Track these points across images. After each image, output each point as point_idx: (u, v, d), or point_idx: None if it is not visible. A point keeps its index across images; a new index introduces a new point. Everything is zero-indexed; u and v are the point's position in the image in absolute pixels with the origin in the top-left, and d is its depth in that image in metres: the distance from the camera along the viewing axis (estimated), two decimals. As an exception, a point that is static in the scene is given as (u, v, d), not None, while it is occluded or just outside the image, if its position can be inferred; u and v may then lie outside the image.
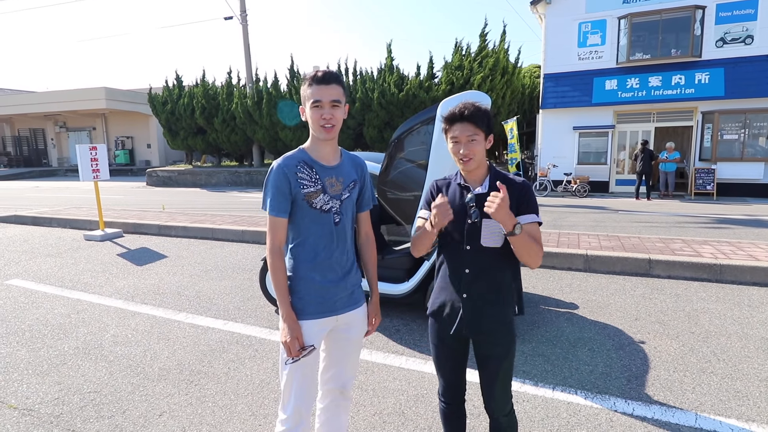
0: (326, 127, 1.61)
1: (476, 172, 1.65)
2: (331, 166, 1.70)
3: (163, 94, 18.99)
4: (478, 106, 1.58)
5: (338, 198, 1.69)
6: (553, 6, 13.93)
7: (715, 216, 8.91)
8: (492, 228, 1.60)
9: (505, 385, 1.71)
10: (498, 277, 1.65)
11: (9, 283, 5.11)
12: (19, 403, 2.69)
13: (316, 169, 1.66)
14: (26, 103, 25.72)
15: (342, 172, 1.72)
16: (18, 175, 24.27)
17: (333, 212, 1.68)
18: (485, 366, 1.70)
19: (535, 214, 1.61)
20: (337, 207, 1.69)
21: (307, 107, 1.62)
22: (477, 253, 1.63)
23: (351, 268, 1.77)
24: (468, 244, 1.64)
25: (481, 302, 1.64)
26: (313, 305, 1.68)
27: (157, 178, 18.72)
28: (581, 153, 14.08)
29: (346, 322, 1.78)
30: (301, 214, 1.65)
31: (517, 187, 1.63)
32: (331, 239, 1.68)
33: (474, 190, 1.64)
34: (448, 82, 14.57)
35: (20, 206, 11.26)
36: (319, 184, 1.65)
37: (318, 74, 1.59)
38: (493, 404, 1.73)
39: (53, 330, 3.77)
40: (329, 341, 1.82)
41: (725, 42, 12.38)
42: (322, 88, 1.58)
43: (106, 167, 7.35)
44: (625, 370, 2.95)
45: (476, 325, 1.65)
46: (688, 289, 4.52)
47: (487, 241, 1.61)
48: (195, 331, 3.70)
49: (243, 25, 17.54)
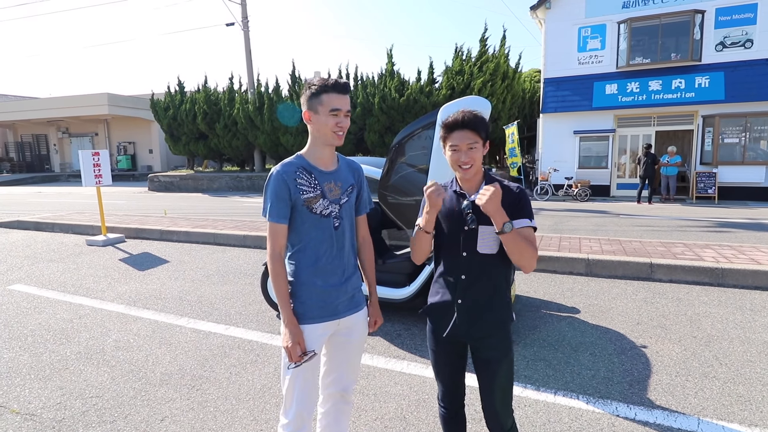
0: (339, 134, 1.64)
1: (473, 179, 1.67)
2: (330, 171, 1.72)
3: (166, 100, 19.10)
4: (475, 114, 1.60)
5: (337, 202, 1.71)
6: (553, 11, 14.01)
7: (717, 220, 8.90)
8: (488, 234, 1.61)
9: (505, 395, 1.69)
10: (494, 283, 1.65)
11: (11, 288, 5.13)
12: (21, 407, 2.70)
13: (314, 174, 1.68)
14: (29, 109, 25.88)
15: (340, 177, 1.74)
16: (21, 180, 24.36)
17: (333, 217, 1.70)
18: (483, 371, 1.70)
19: (529, 218, 1.62)
20: (337, 211, 1.71)
21: (321, 113, 1.61)
22: (473, 259, 1.64)
23: (352, 272, 1.79)
24: (464, 251, 1.65)
25: (476, 307, 1.65)
26: (314, 309, 1.69)
27: (159, 183, 18.78)
28: (582, 157, 14.10)
29: (347, 326, 1.78)
30: (301, 220, 1.67)
31: (512, 193, 1.64)
32: (331, 243, 1.70)
33: (470, 197, 1.65)
34: (448, 87, 14.62)
35: (23, 211, 11.30)
36: (318, 189, 1.67)
37: (339, 82, 1.61)
38: (493, 419, 1.71)
39: (55, 335, 3.77)
40: (330, 345, 1.82)
41: (725, 46, 12.42)
42: (341, 97, 1.61)
43: (109, 173, 7.38)
44: (627, 374, 2.95)
45: (471, 330, 1.66)
46: (689, 293, 4.51)
47: (483, 248, 1.63)
48: (197, 336, 3.70)
49: (244, 31, 17.66)
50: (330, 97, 1.59)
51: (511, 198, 1.62)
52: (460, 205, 1.66)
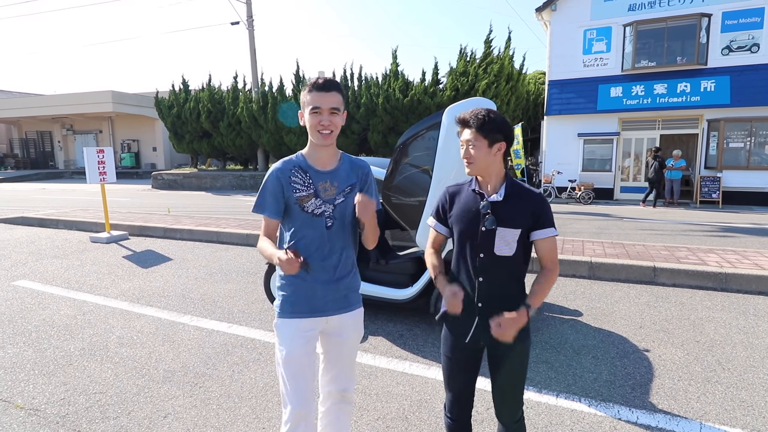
0: (323, 133, 1.64)
1: (490, 179, 1.65)
2: (327, 170, 1.73)
3: (170, 98, 19.15)
4: (485, 114, 1.59)
5: (331, 202, 1.72)
6: (559, 13, 13.98)
7: (721, 224, 8.87)
8: (506, 236, 1.60)
9: (518, 388, 1.70)
10: (513, 284, 1.65)
11: (16, 284, 5.16)
12: (25, 403, 2.71)
13: (310, 173, 1.71)
14: (34, 106, 25.99)
15: (337, 177, 1.74)
16: (25, 177, 24.47)
17: (326, 216, 1.71)
18: (499, 367, 1.69)
19: (553, 227, 1.63)
20: (330, 211, 1.72)
21: (306, 113, 1.65)
22: (490, 260, 1.63)
23: (347, 273, 1.78)
24: (481, 252, 1.64)
25: (497, 310, 1.62)
26: (301, 305, 1.72)
27: (162, 181, 18.83)
28: (586, 160, 14.07)
29: (337, 326, 1.79)
30: (294, 217, 1.71)
31: (535, 198, 1.63)
32: (323, 242, 1.71)
33: (489, 197, 1.63)
34: (452, 88, 14.61)
35: (27, 208, 11.36)
36: (311, 188, 1.70)
37: (318, 81, 1.63)
38: (505, 410, 1.72)
39: (59, 331, 3.79)
40: (325, 343, 1.85)
41: (731, 50, 12.36)
42: (322, 95, 1.61)
43: (113, 170, 7.41)
44: (630, 378, 2.94)
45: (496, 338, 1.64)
46: (693, 297, 4.50)
47: (500, 250, 1.61)
48: (200, 334, 3.72)
49: (249, 30, 17.70)
50: (312, 96, 1.62)
51: (534, 205, 1.62)
52: (477, 204, 1.65)
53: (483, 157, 1.60)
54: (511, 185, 1.65)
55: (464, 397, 1.77)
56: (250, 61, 17.91)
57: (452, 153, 3.21)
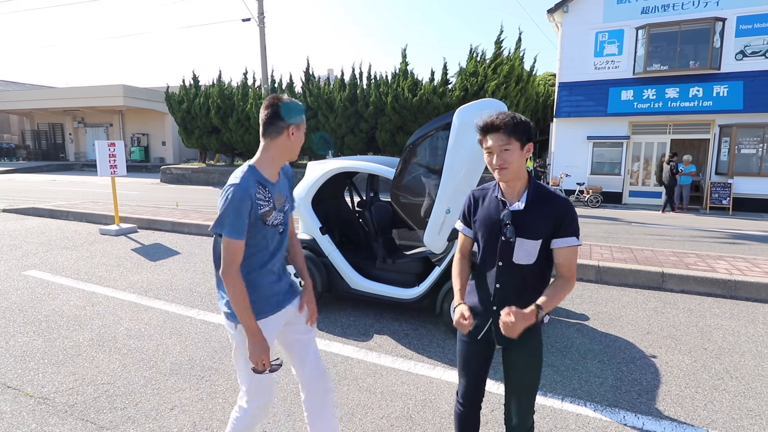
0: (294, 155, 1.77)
1: (514, 184, 1.62)
2: (275, 182, 1.78)
3: (180, 93, 19.26)
4: (512, 116, 1.56)
5: (282, 210, 1.79)
6: (571, 15, 13.88)
7: (731, 231, 8.78)
8: (525, 246, 1.59)
9: (530, 395, 1.69)
10: (529, 292, 1.63)
11: (27, 273, 5.22)
12: (35, 391, 2.75)
13: (268, 188, 1.73)
14: (46, 98, 26.26)
15: (282, 187, 1.82)
16: (36, 168, 24.74)
17: (279, 224, 1.78)
18: (512, 371, 1.70)
19: (575, 236, 1.57)
20: (281, 218, 1.79)
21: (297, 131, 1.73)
22: (509, 269, 1.63)
23: (285, 265, 1.92)
24: (500, 260, 1.63)
25: None
26: (267, 305, 1.78)
27: (171, 176, 18.97)
28: (594, 163, 13.97)
29: (293, 312, 1.90)
30: (255, 231, 1.70)
31: (559, 203, 1.58)
32: (278, 247, 1.81)
33: (511, 205, 1.61)
34: (462, 89, 14.57)
35: (38, 199, 11.49)
36: (271, 202, 1.73)
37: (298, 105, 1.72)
38: (516, 418, 1.71)
39: (69, 321, 3.84)
40: (284, 339, 1.93)
41: (745, 55, 12.22)
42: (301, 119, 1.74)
43: (124, 163, 7.48)
44: (636, 383, 2.93)
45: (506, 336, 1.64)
46: (701, 304, 4.46)
47: (519, 259, 1.61)
48: (206, 328, 3.75)
49: (260, 27, 17.74)
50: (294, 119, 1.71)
51: (557, 210, 1.57)
52: (499, 212, 1.64)
53: (517, 160, 1.57)
54: (534, 190, 1.62)
55: (476, 384, 1.79)
56: (261, 58, 17.96)
57: (462, 154, 3.20)
